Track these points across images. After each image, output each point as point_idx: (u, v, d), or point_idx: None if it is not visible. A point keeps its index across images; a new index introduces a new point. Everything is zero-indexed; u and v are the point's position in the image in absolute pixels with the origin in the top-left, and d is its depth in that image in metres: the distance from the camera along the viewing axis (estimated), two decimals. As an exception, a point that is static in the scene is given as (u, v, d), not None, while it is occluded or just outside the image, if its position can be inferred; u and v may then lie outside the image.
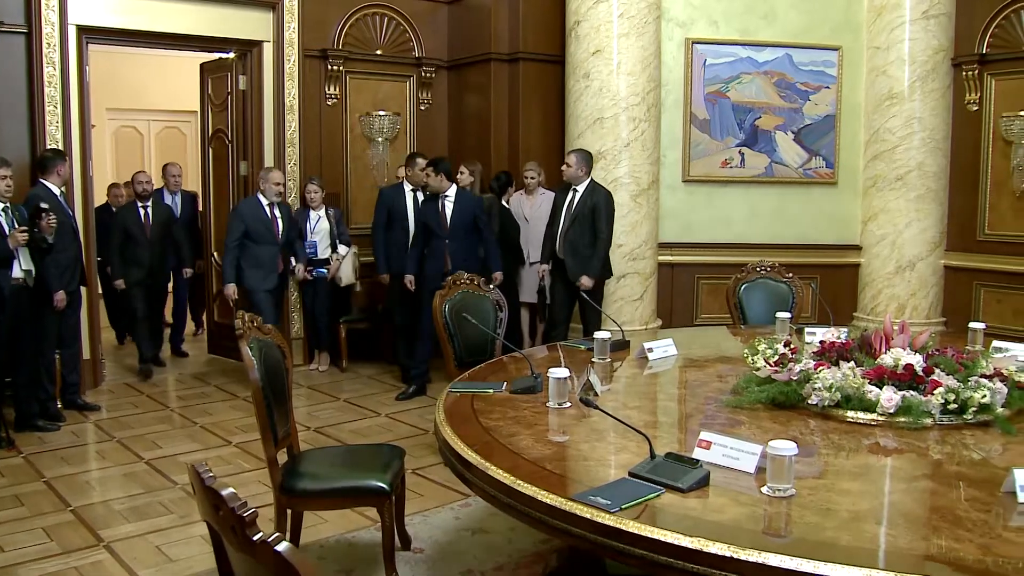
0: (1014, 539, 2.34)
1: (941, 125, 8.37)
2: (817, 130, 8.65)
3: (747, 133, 8.50)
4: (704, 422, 3.46)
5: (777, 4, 8.52)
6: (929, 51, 8.25)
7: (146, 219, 8.17)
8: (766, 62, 8.48)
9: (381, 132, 8.78)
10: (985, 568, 2.17)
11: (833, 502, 2.57)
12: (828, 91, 8.64)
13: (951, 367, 3.42)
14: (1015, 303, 8.18)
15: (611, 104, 7.56)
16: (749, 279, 6.08)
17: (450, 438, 3.15)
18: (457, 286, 5.18)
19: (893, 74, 8.35)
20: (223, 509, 1.85)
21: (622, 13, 7.57)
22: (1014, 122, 8.03)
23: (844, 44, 8.64)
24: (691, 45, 8.34)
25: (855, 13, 8.64)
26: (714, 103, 8.41)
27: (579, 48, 7.72)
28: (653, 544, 2.31)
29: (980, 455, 3.05)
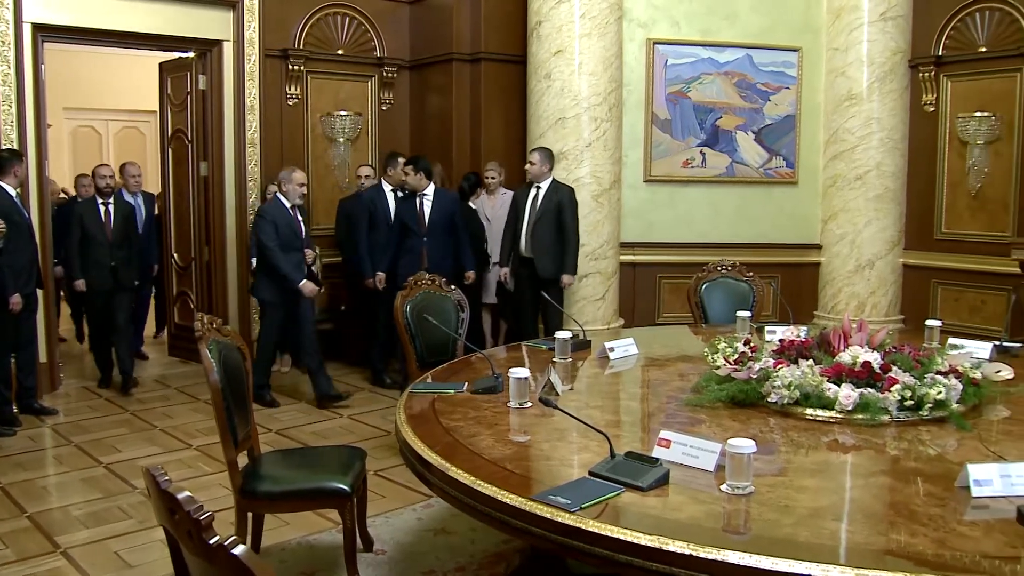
0: (968, 533, 2.37)
1: (899, 125, 8.48)
2: (777, 130, 8.72)
3: (708, 133, 8.54)
4: (665, 421, 3.47)
5: (738, 5, 8.58)
6: (887, 53, 8.35)
7: (107, 217, 7.54)
8: (727, 63, 8.54)
9: (342, 132, 8.75)
10: (942, 562, 2.19)
11: (792, 499, 2.59)
12: (788, 92, 8.71)
13: (908, 364, 3.46)
14: (971, 301, 8.30)
15: (573, 104, 7.58)
16: (710, 278, 6.11)
17: (410, 439, 3.14)
18: (419, 286, 5.16)
19: (852, 75, 8.44)
20: (179, 513, 1.83)
21: (584, 13, 7.58)
22: (969, 123, 8.15)
23: (804, 45, 8.72)
24: (652, 45, 8.37)
25: (815, 15, 8.72)
26: (675, 103, 8.45)
27: (541, 48, 7.72)
28: (613, 543, 2.31)
29: (936, 451, 3.09)
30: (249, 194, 8.24)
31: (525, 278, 7.16)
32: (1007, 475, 2.59)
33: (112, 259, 7.49)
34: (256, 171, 8.31)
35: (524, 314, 7.28)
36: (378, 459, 5.68)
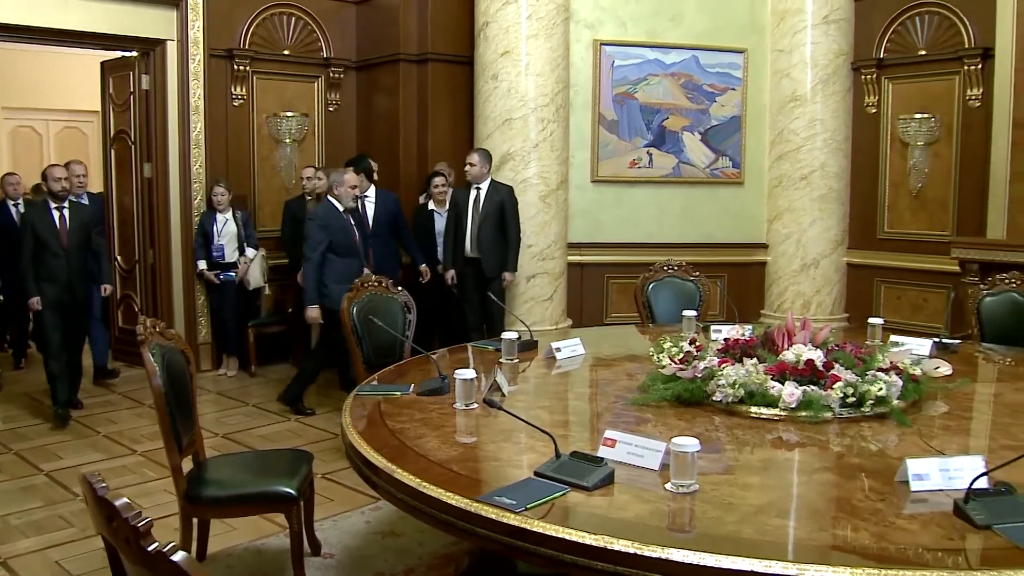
0: (906, 526, 2.41)
1: (842, 127, 8.60)
2: (723, 131, 8.80)
3: (655, 134, 8.60)
4: (611, 421, 3.49)
5: (684, 7, 8.64)
6: (830, 55, 8.46)
7: (62, 223, 6.71)
8: (673, 64, 8.59)
9: (289, 133, 8.68)
10: (884, 556, 2.23)
11: (736, 496, 2.62)
12: (734, 93, 8.79)
13: (850, 362, 3.51)
14: (913, 298, 8.44)
15: (520, 105, 7.58)
16: (657, 278, 6.15)
17: (356, 442, 3.12)
18: (365, 288, 5.13)
19: (796, 77, 8.54)
20: (116, 520, 1.80)
21: (531, 15, 7.59)
22: (910, 124, 8.29)
23: (749, 47, 8.80)
24: (599, 47, 8.40)
25: (759, 17, 8.80)
26: (622, 104, 8.49)
27: (488, 49, 7.72)
28: (558, 543, 2.32)
29: (877, 446, 3.14)
30: (194, 195, 8.15)
31: (471, 278, 7.19)
32: (945, 469, 2.64)
33: (68, 271, 6.72)
34: (201, 172, 8.21)
35: (471, 317, 7.29)
36: (326, 462, 5.64)
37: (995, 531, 2.30)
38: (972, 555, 2.25)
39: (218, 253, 7.95)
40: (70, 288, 6.75)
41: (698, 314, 5.59)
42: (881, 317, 6.29)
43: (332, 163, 8.87)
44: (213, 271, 7.98)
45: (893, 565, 2.16)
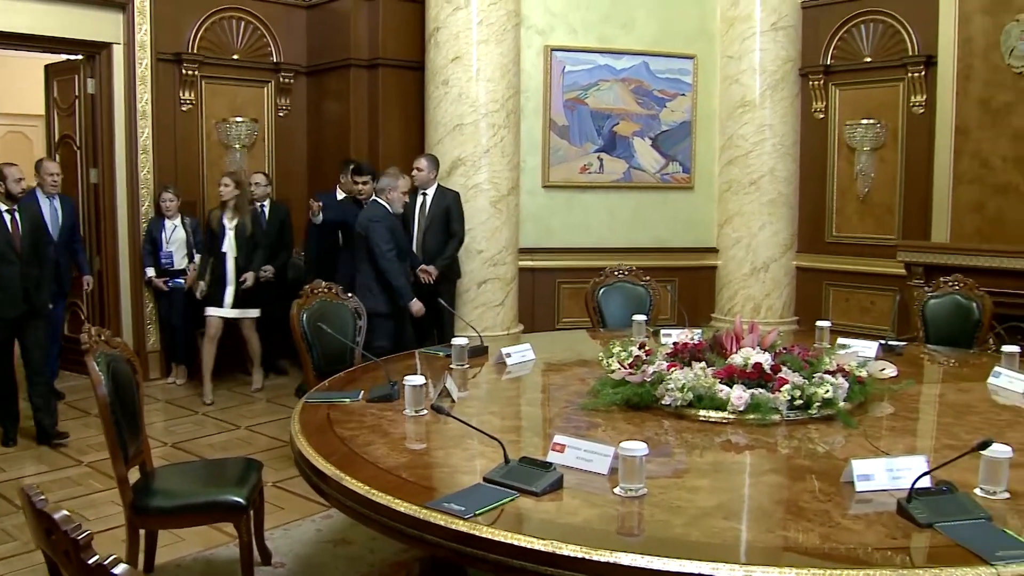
0: (851, 526, 2.44)
1: (791, 132, 8.69)
2: (673, 136, 8.86)
3: (605, 139, 8.63)
4: (560, 425, 3.50)
5: (634, 13, 8.69)
6: (778, 61, 8.56)
7: (14, 228, 6.09)
8: (624, 69, 8.64)
9: (238, 139, 8.59)
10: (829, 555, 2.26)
11: (684, 499, 2.64)
12: (684, 98, 8.85)
13: (797, 365, 3.55)
14: (861, 301, 8.55)
15: (471, 111, 7.58)
16: (607, 283, 6.17)
17: (305, 450, 3.11)
18: (315, 295, 5.10)
19: (745, 82, 8.63)
20: (55, 533, 1.77)
21: (481, 20, 7.58)
22: (856, 129, 8.42)
23: (699, 53, 8.87)
24: (550, 52, 8.42)
25: (709, 23, 8.88)
26: (573, 110, 8.51)
27: (438, 55, 7.70)
28: (507, 548, 2.32)
29: (824, 448, 3.17)
30: (142, 202, 8.04)
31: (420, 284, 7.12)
32: (889, 469, 2.68)
33: (23, 280, 6.10)
34: (149, 178, 8.10)
35: (424, 324, 7.23)
36: (277, 470, 5.59)
37: (937, 529, 2.34)
38: (914, 553, 2.28)
39: (167, 260, 7.86)
40: (27, 298, 6.13)
41: (648, 318, 5.64)
42: (830, 320, 6.38)
43: (282, 168, 8.84)
44: (161, 278, 7.88)
45: (838, 565, 2.19)
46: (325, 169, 8.74)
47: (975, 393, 4.01)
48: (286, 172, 8.91)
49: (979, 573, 2.12)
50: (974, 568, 2.13)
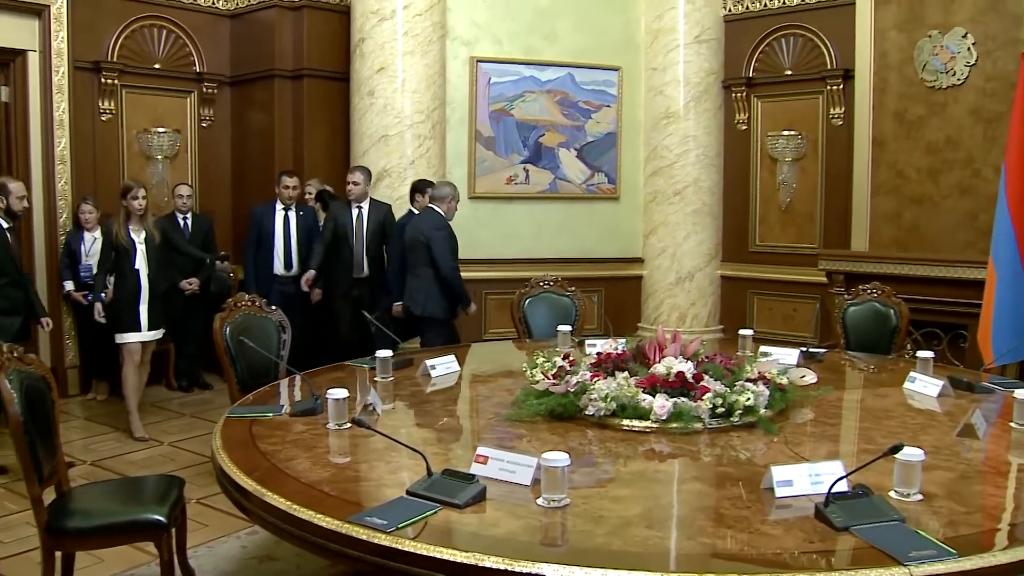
0: (770, 532, 2.48)
1: (714, 143, 8.83)
2: (599, 147, 8.93)
3: (531, 150, 8.67)
4: (484, 437, 3.50)
5: (559, 25, 8.75)
6: (702, 73, 8.70)
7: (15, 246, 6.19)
8: (549, 81, 8.69)
9: (160, 150, 8.45)
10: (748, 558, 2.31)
11: (606, 509, 2.65)
12: (609, 109, 8.93)
13: (719, 373, 3.59)
14: (784, 309, 8.70)
15: (396, 122, 7.56)
16: (533, 294, 6.17)
17: (226, 465, 3.05)
18: (238, 308, 5.02)
19: (669, 94, 8.74)
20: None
21: (407, 31, 7.57)
22: (778, 141, 8.58)
23: (624, 65, 8.96)
24: (476, 63, 8.44)
25: (633, 35, 8.98)
26: (499, 121, 8.54)
27: (364, 65, 7.67)
28: (429, 561, 2.30)
29: (746, 455, 3.21)
30: (59, 213, 7.84)
31: (365, 299, 7.05)
32: (807, 475, 2.71)
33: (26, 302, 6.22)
34: (67, 189, 7.89)
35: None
36: (200, 487, 5.48)
37: (853, 532, 2.38)
38: (830, 556, 2.31)
39: (86, 273, 7.66)
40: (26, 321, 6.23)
41: (574, 329, 5.66)
42: (754, 328, 6.47)
43: (205, 180, 8.71)
44: (80, 292, 7.69)
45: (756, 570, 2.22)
46: (250, 180, 8.65)
47: (892, 398, 4.10)
48: (210, 183, 8.79)
49: (892, 574, 2.16)
50: (888, 569, 2.18)
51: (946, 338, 7.24)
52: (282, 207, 7.54)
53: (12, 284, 6.09)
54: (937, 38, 7.35)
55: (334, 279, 7.27)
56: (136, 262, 6.74)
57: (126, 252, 6.68)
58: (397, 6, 7.56)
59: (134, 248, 6.73)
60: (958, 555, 2.23)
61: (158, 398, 7.86)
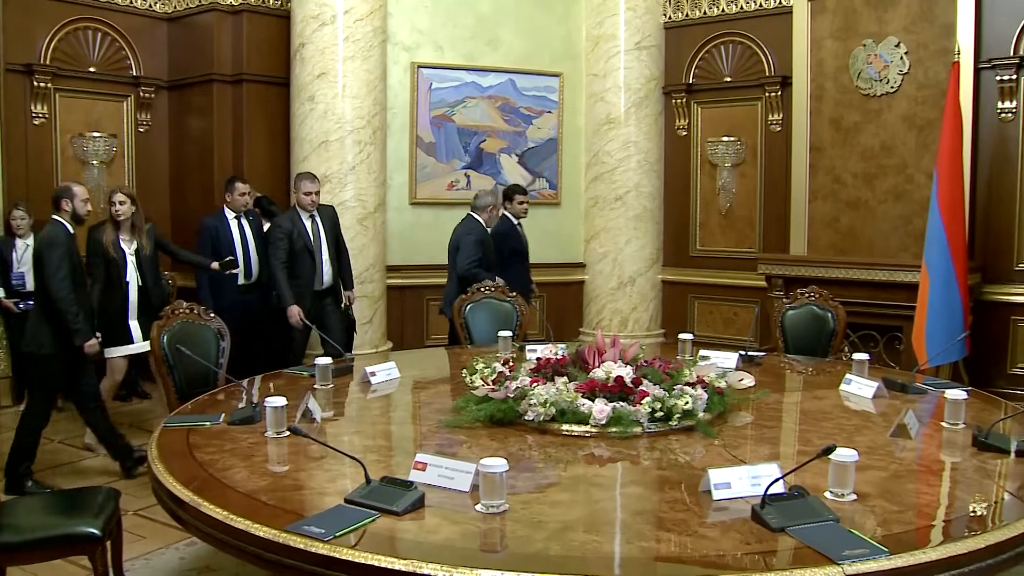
0: (707, 534, 2.49)
1: (655, 148, 8.91)
2: (540, 153, 8.97)
3: (472, 156, 8.68)
4: (424, 443, 3.48)
5: (501, 31, 8.77)
6: (642, 79, 8.77)
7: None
8: (490, 87, 8.71)
9: (96, 155, 8.31)
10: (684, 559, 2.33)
11: (546, 514, 2.64)
12: (550, 115, 8.97)
13: (658, 377, 3.61)
14: (725, 313, 8.79)
15: (336, 127, 7.51)
16: (474, 299, 6.15)
17: (163, 476, 3.00)
18: (176, 315, 4.95)
19: (610, 100, 8.80)
20: None
21: (347, 36, 7.54)
22: (717, 146, 8.68)
23: (565, 71, 9.01)
24: (417, 69, 8.43)
25: (574, 42, 9.03)
26: (440, 127, 8.53)
27: (304, 71, 7.62)
28: (367, 570, 2.28)
29: (685, 458, 3.22)
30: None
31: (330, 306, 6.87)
32: (744, 477, 2.73)
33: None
34: (-3, 195, 7.74)
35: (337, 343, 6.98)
36: (138, 498, 5.38)
37: (788, 533, 2.41)
38: (766, 557, 2.33)
39: (18, 281, 7.49)
40: None
41: (515, 334, 5.67)
42: (695, 332, 6.54)
43: (143, 186, 8.57)
44: (12, 299, 7.52)
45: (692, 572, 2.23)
46: (189, 186, 8.54)
47: (829, 400, 4.15)
48: (148, 189, 8.63)
49: (827, 572, 2.19)
50: (822, 568, 2.20)
51: (882, 340, 7.36)
52: (234, 215, 7.31)
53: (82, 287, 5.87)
54: (871, 47, 7.49)
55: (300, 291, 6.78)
56: (127, 274, 6.35)
57: (115, 263, 6.30)
58: (338, 11, 7.52)
59: (124, 259, 6.35)
60: (889, 553, 2.26)
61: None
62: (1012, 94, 7.12)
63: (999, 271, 7.32)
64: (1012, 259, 7.29)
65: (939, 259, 6.36)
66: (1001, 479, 2.97)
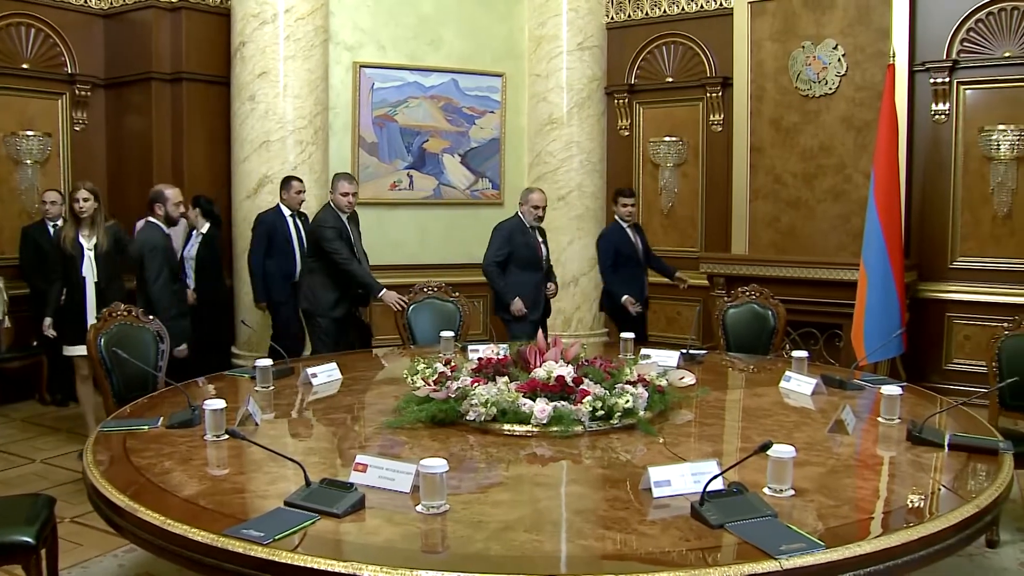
0: (647, 531, 2.51)
1: (597, 148, 8.95)
2: (483, 153, 8.97)
3: (415, 156, 8.66)
4: (365, 445, 3.46)
5: (443, 31, 8.75)
6: (584, 80, 8.80)
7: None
8: (433, 87, 8.69)
9: (30, 154, 8.13)
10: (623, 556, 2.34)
11: (486, 514, 2.64)
12: (493, 115, 8.97)
13: (599, 376, 3.63)
14: (668, 312, 8.86)
15: (278, 127, 7.44)
16: (416, 300, 6.13)
17: (98, 482, 2.95)
18: (113, 318, 4.87)
19: (553, 100, 8.83)
20: None
21: (288, 35, 7.47)
22: (659, 146, 8.75)
23: (507, 71, 9.01)
24: (359, 69, 8.38)
25: (517, 42, 9.04)
26: (382, 127, 8.50)
27: (244, 70, 7.54)
28: (307, 573, 2.27)
29: (626, 457, 3.25)
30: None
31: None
32: (684, 475, 2.76)
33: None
34: (-72, 197, 7.56)
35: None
36: (75, 504, 5.28)
37: (727, 529, 2.43)
38: (706, 553, 2.34)
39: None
40: None
41: (458, 334, 5.66)
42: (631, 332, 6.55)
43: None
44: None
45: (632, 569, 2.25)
46: (127, 186, 8.39)
47: (769, 397, 4.20)
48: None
49: (765, 567, 2.22)
50: (760, 563, 2.23)
51: (822, 338, 7.48)
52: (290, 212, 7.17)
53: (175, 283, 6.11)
54: (810, 49, 7.60)
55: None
56: (83, 269, 6.22)
57: (72, 259, 6.20)
58: (279, 9, 7.45)
59: (82, 255, 6.21)
60: (825, 547, 2.30)
61: (31, 413, 7.57)
62: (945, 96, 7.27)
63: (934, 269, 7.48)
64: (947, 257, 7.45)
65: (876, 258, 6.47)
66: (936, 472, 3.03)
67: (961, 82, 7.27)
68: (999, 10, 7.11)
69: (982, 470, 3.01)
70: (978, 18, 7.18)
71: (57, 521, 3.95)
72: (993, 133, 7.13)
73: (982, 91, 7.24)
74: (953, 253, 7.44)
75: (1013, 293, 7.14)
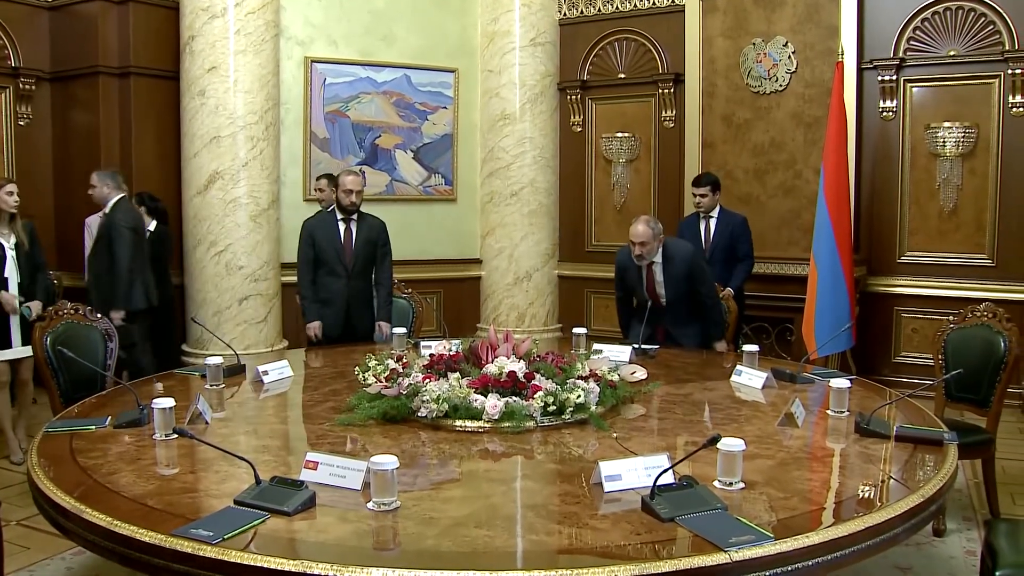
0: (598, 526, 2.52)
1: (550, 144, 8.97)
2: (435, 149, 8.95)
3: (367, 152, 8.61)
4: (316, 442, 3.43)
5: (396, 26, 8.72)
6: (537, 76, 8.81)
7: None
8: (385, 82, 8.65)
9: (-27, 149, 7.99)
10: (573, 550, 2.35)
11: (438, 510, 2.64)
12: (446, 111, 8.95)
13: (550, 372, 3.64)
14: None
15: (228, 123, 7.36)
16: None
17: (43, 483, 2.89)
18: (60, 316, 4.79)
19: (506, 96, 8.83)
20: None
21: (239, 30, 7.39)
22: (612, 142, 8.78)
23: (460, 67, 9.00)
24: (310, 64, 8.32)
25: (470, 38, 9.03)
26: (334, 122, 8.45)
27: (194, 64, 7.45)
28: (257, 572, 2.25)
29: (578, 452, 3.26)
30: None
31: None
32: (635, 469, 2.77)
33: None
34: None
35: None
36: (21, 507, 5.19)
37: (678, 522, 2.45)
38: (656, 546, 2.36)
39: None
40: None
41: (411, 331, 5.64)
42: (592, 327, 6.58)
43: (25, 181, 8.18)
44: None
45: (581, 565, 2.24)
46: (73, 182, 8.24)
47: (720, 391, 4.24)
48: (30, 185, 8.29)
49: (714, 560, 2.25)
50: (709, 556, 2.26)
51: (774, 332, 7.55)
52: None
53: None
54: (760, 46, 7.67)
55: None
56: (6, 270, 5.94)
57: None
58: (228, 4, 7.36)
59: (3, 254, 5.95)
60: (774, 539, 2.32)
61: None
62: (892, 94, 7.38)
63: (883, 264, 7.59)
64: (895, 252, 7.57)
65: (826, 252, 6.54)
66: (884, 463, 3.07)
67: (908, 80, 7.39)
68: (944, 9, 7.24)
69: (928, 460, 3.05)
70: (924, 17, 7.30)
71: (3, 524, 3.89)
72: (939, 130, 7.25)
73: (928, 89, 7.37)
74: (901, 248, 7.56)
75: (959, 287, 7.27)
